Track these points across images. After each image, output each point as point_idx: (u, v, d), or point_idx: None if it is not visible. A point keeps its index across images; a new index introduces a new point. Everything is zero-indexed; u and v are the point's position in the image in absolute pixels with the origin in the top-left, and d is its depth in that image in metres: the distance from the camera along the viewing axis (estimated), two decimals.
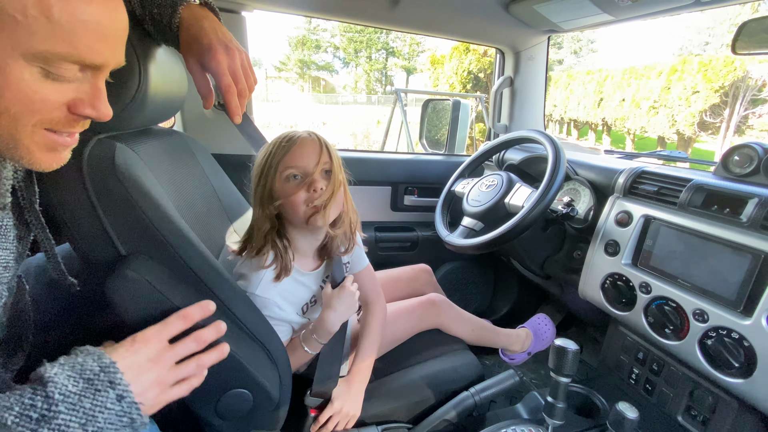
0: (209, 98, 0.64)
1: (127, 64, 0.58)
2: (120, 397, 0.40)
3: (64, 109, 0.40)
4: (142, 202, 0.57)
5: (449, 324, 1.09)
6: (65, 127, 0.41)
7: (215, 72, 0.60)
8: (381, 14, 1.33)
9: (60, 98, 0.39)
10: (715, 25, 20.45)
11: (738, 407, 0.77)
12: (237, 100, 0.62)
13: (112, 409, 0.39)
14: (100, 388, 0.39)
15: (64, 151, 0.44)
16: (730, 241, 0.75)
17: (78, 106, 0.40)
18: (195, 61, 0.61)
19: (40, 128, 0.39)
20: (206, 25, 0.61)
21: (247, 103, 0.67)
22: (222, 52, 0.59)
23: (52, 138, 0.41)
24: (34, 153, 0.40)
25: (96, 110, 0.42)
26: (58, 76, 0.38)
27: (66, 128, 0.41)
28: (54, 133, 0.41)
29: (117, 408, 0.40)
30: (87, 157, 0.56)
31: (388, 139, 3.93)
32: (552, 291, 1.37)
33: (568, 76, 15.97)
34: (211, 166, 0.97)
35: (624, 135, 13.28)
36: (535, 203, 0.93)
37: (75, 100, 0.40)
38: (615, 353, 1.04)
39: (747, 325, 0.70)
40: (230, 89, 0.60)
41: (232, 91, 0.61)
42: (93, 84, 0.41)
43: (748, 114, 11.05)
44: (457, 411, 0.87)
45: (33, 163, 0.41)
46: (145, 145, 0.70)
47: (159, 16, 0.61)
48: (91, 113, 0.41)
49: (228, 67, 0.60)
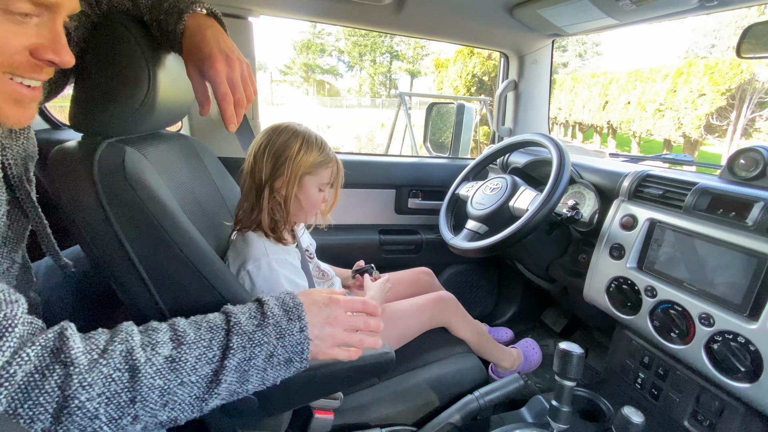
0: (206, 105, 0.64)
1: (137, 70, 0.59)
2: (301, 330, 0.51)
3: (26, 54, 0.42)
4: (150, 205, 0.58)
5: (457, 323, 1.10)
6: (29, 72, 0.43)
7: (213, 80, 0.60)
8: (385, 19, 1.34)
9: (22, 41, 0.41)
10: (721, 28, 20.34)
11: (744, 412, 0.77)
12: (233, 109, 0.61)
13: (295, 336, 0.50)
14: (292, 317, 0.51)
15: (31, 107, 0.46)
16: (735, 245, 0.75)
17: (40, 51, 0.42)
18: (194, 68, 0.62)
19: (5, 76, 0.41)
20: (209, 34, 0.61)
21: (250, 108, 0.67)
22: (221, 62, 0.59)
23: (17, 89, 0.43)
24: (1, 107, 0.43)
25: (58, 55, 0.43)
26: (16, 14, 0.39)
27: (29, 74, 0.43)
28: (19, 83, 0.43)
29: (297, 336, 0.50)
30: (97, 160, 0.57)
31: (393, 142, 3.94)
32: (556, 294, 1.37)
33: (572, 79, 15.92)
34: (218, 169, 0.98)
35: (629, 138, 13.20)
36: (540, 206, 0.93)
37: (37, 45, 0.42)
38: (620, 357, 1.04)
39: (753, 330, 0.70)
40: (226, 98, 0.60)
41: (228, 100, 0.60)
42: (52, 28, 0.43)
43: (755, 117, 10.94)
44: (461, 414, 0.87)
45: (1, 117, 0.43)
46: (154, 149, 0.71)
47: (165, 23, 0.62)
48: (54, 58, 0.43)
49: (227, 77, 0.60)
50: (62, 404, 0.38)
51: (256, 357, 0.48)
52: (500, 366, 1.22)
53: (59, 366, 0.39)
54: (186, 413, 0.45)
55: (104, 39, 0.60)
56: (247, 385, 0.48)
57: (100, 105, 0.59)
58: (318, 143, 0.85)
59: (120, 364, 0.41)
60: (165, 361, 0.44)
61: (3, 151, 0.53)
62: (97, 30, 0.60)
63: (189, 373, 0.44)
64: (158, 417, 0.43)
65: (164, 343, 0.45)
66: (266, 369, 0.49)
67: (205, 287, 0.60)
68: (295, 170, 0.82)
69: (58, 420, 0.38)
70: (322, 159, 0.85)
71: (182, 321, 0.49)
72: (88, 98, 0.60)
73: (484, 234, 1.10)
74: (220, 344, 0.47)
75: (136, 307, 0.60)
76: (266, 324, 0.50)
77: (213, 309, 0.59)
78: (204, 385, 0.45)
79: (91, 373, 0.40)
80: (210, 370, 0.46)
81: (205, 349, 0.46)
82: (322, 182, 0.87)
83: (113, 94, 0.59)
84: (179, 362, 0.44)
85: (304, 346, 0.51)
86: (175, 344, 0.45)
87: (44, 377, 0.38)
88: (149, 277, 0.58)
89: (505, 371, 1.22)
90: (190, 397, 0.45)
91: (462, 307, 1.14)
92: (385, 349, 0.72)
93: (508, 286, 1.72)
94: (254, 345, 0.48)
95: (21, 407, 0.37)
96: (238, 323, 0.49)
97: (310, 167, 0.84)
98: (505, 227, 0.97)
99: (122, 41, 0.60)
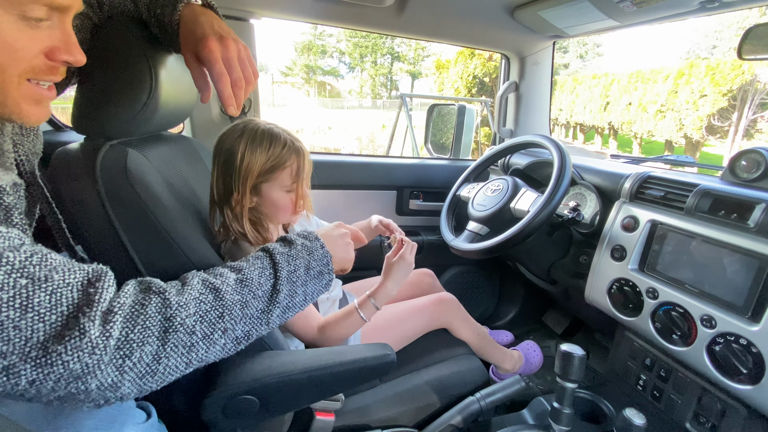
0: (205, 92, 0.62)
1: (139, 72, 0.60)
2: (322, 246, 0.61)
3: (43, 57, 0.44)
4: (152, 206, 0.58)
5: (458, 325, 1.10)
6: (47, 75, 0.45)
7: (207, 60, 0.58)
8: (386, 21, 1.34)
9: (38, 45, 0.43)
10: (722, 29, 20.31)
11: (746, 414, 0.77)
12: (230, 89, 0.59)
13: (319, 251, 0.61)
14: (311, 239, 0.62)
15: (47, 105, 0.48)
16: (737, 247, 0.75)
17: (55, 53, 0.44)
18: (191, 54, 0.60)
19: (24, 79, 0.43)
20: (202, 19, 0.61)
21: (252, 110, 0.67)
22: (215, 41, 0.58)
23: (36, 90, 0.45)
24: (22, 106, 0.44)
25: (72, 55, 0.45)
26: (32, 20, 0.41)
27: (47, 76, 0.45)
28: (37, 84, 0.45)
29: (321, 252, 0.61)
30: (100, 162, 0.57)
31: (394, 143, 3.95)
32: (558, 296, 1.37)
33: (573, 80, 15.91)
34: None
35: (631, 139, 13.19)
36: (541, 208, 0.93)
37: (51, 47, 0.44)
38: (622, 359, 1.03)
39: (755, 332, 0.69)
40: (222, 78, 0.58)
41: (225, 81, 0.58)
42: (63, 29, 0.45)
43: (756, 118, 10.93)
44: (462, 416, 0.87)
45: (22, 116, 0.45)
46: (156, 151, 0.71)
47: (162, 16, 0.62)
48: (68, 58, 0.45)
49: (222, 56, 0.58)
50: (165, 325, 0.45)
51: (298, 269, 0.57)
52: (501, 368, 1.22)
53: (154, 296, 0.46)
54: (256, 327, 0.53)
55: (106, 41, 0.60)
56: (295, 299, 0.57)
57: (102, 107, 0.60)
58: (267, 142, 0.74)
59: (202, 288, 0.49)
60: (236, 282, 0.52)
61: (15, 147, 0.54)
62: (100, 32, 0.61)
63: (257, 287, 0.53)
64: (237, 331, 0.51)
65: (227, 273, 0.53)
66: (306, 282, 0.58)
67: None
68: (243, 182, 0.73)
69: (164, 339, 0.44)
70: (274, 162, 0.74)
71: (228, 264, 0.56)
72: (91, 100, 0.60)
73: (485, 235, 1.10)
74: (269, 264, 0.56)
75: None
76: (295, 246, 0.60)
77: None
78: (267, 298, 0.54)
79: (183, 296, 0.47)
80: (270, 285, 0.54)
81: (262, 270, 0.55)
82: (283, 185, 0.77)
83: (116, 96, 0.59)
84: (247, 280, 0.53)
85: (329, 258, 0.61)
86: (236, 271, 0.54)
87: (144, 306, 0.44)
88: None
89: (506, 373, 1.22)
90: (258, 312, 0.53)
91: (463, 309, 1.13)
92: (386, 350, 0.72)
93: (510, 288, 1.72)
94: (293, 259, 0.57)
95: (132, 332, 0.42)
96: (275, 248, 0.58)
97: (260, 176, 0.74)
98: (507, 229, 0.97)
99: (124, 43, 0.60)
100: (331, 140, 16.73)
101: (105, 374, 0.40)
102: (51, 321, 0.38)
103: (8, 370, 0.36)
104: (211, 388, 0.60)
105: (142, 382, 0.43)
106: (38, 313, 0.37)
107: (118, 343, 0.41)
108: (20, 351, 0.36)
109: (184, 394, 0.67)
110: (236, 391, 0.61)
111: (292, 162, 0.76)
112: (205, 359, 0.49)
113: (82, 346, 0.38)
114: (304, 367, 0.65)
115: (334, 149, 13.82)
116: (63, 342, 0.38)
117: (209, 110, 1.30)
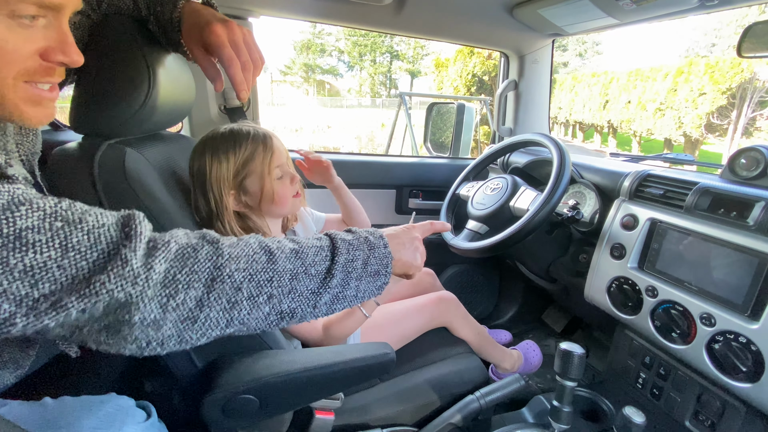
0: (218, 80, 0.62)
1: (137, 70, 0.59)
2: (385, 246, 0.58)
3: (37, 59, 0.42)
4: (150, 205, 0.58)
5: (458, 323, 1.10)
6: (43, 76, 0.43)
7: (215, 46, 0.58)
8: (385, 19, 1.34)
9: (31, 46, 0.41)
10: (721, 27, 20.31)
11: (746, 412, 0.77)
12: (241, 74, 0.59)
13: (381, 250, 0.57)
14: (376, 236, 0.58)
15: (50, 106, 0.46)
16: (736, 245, 0.75)
17: (50, 53, 0.42)
18: (197, 46, 0.60)
19: (20, 81, 0.42)
20: (203, 11, 0.61)
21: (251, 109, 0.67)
22: (220, 26, 0.58)
23: (35, 92, 0.43)
24: (21, 108, 0.43)
25: (68, 56, 0.44)
26: (23, 19, 0.39)
27: (44, 78, 0.44)
28: (35, 86, 0.43)
29: (383, 251, 0.57)
30: (97, 161, 0.57)
31: (393, 142, 3.94)
32: (557, 294, 1.37)
33: (573, 78, 15.92)
34: None
35: (630, 137, 13.20)
36: (540, 206, 0.93)
37: (46, 48, 0.42)
38: (621, 357, 1.04)
39: (754, 330, 0.69)
40: (233, 62, 0.58)
41: (236, 65, 0.59)
42: (58, 28, 0.43)
43: (755, 116, 10.93)
44: (462, 415, 0.87)
45: (23, 118, 0.44)
46: (154, 150, 0.71)
47: (161, 14, 0.62)
48: (64, 59, 0.43)
49: (228, 39, 0.58)
50: (213, 273, 0.44)
51: (356, 260, 0.54)
52: (500, 367, 1.22)
53: (208, 244, 0.45)
54: (303, 306, 0.50)
55: (104, 40, 0.60)
56: (346, 290, 0.53)
57: (100, 106, 0.59)
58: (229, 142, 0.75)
59: (257, 247, 0.48)
60: (291, 252, 0.50)
61: (17, 147, 0.53)
62: (97, 31, 0.60)
63: (311, 264, 0.50)
64: (283, 304, 0.48)
65: (285, 242, 0.51)
66: (362, 277, 0.55)
67: None
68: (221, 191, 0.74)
69: (209, 287, 0.43)
70: (245, 157, 0.75)
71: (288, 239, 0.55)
72: (89, 99, 0.60)
73: (484, 234, 1.10)
74: (329, 247, 0.54)
75: None
76: (358, 237, 0.57)
77: None
78: (320, 279, 0.51)
79: (237, 249, 0.46)
80: (324, 267, 0.52)
81: (319, 249, 0.53)
82: (264, 173, 0.77)
83: (114, 95, 0.59)
84: (302, 254, 0.50)
85: (389, 260, 0.58)
86: (295, 243, 0.52)
87: (196, 251, 0.44)
88: None
89: (505, 372, 1.22)
90: (308, 290, 0.50)
91: (463, 307, 1.14)
92: (386, 349, 0.72)
93: (509, 286, 1.72)
94: (353, 249, 0.54)
95: (179, 273, 0.42)
96: (337, 235, 0.56)
97: (237, 176, 0.75)
98: (506, 227, 0.97)
99: (122, 42, 0.60)
100: (331, 139, 16.72)
101: (149, 309, 0.40)
102: (93, 258, 0.38)
103: (56, 305, 0.36)
104: (210, 388, 0.60)
105: (183, 326, 0.43)
106: (79, 251, 0.38)
107: (165, 280, 0.41)
108: (68, 288, 0.37)
109: (184, 394, 0.67)
110: (236, 390, 0.61)
111: (261, 148, 0.77)
112: (247, 323, 0.47)
113: (124, 274, 0.38)
114: (303, 366, 0.65)
115: (333, 148, 13.80)
116: (106, 272, 0.38)
117: (208, 109, 1.30)
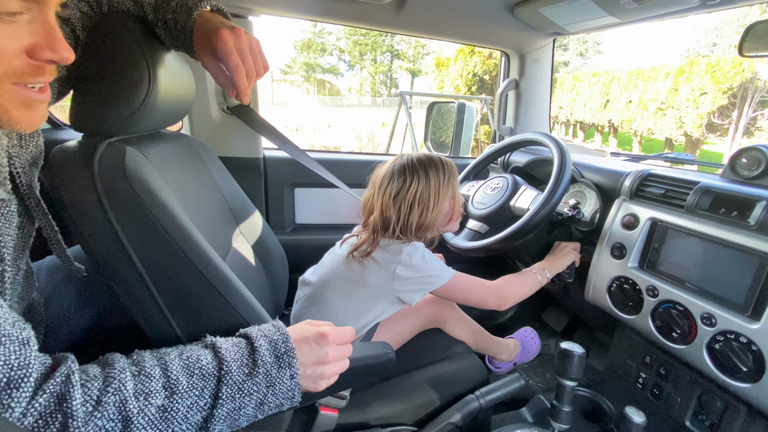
0: (230, 88, 0.63)
1: (137, 69, 0.59)
2: (292, 377, 0.50)
3: (25, 57, 0.39)
4: (150, 204, 0.58)
5: (453, 324, 1.09)
6: (32, 76, 0.41)
7: (222, 52, 0.59)
8: (386, 18, 1.33)
9: (16, 44, 0.38)
10: (722, 26, 20.28)
11: (747, 412, 0.77)
12: (245, 81, 0.61)
13: (285, 384, 0.50)
14: (283, 365, 0.50)
15: (41, 108, 0.44)
16: (737, 245, 0.75)
17: (37, 51, 0.40)
18: (208, 54, 0.61)
19: (8, 83, 0.39)
20: (213, 19, 0.62)
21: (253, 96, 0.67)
22: (228, 32, 0.59)
23: (24, 93, 0.41)
24: (11, 111, 0.41)
25: (56, 52, 0.41)
26: (5, 15, 0.37)
27: (34, 78, 0.41)
28: (24, 87, 0.41)
29: (288, 384, 0.50)
30: (97, 160, 0.57)
31: (393, 141, 3.94)
32: (557, 294, 1.37)
33: (574, 77, 15.90)
34: (218, 168, 0.98)
35: (631, 137, 13.18)
36: (541, 206, 0.93)
37: (32, 45, 0.39)
38: (622, 357, 1.03)
39: (755, 330, 0.69)
40: (238, 69, 0.60)
41: (241, 72, 0.60)
42: (44, 23, 0.40)
43: (756, 115, 10.92)
44: (462, 414, 0.87)
45: (12, 122, 0.41)
46: (154, 149, 0.71)
47: (174, 22, 0.62)
48: (53, 56, 0.41)
49: (235, 46, 0.60)
50: None
51: (246, 406, 0.48)
52: (497, 359, 1.21)
53: (61, 415, 0.40)
54: None
55: (104, 39, 0.60)
56: (238, 425, 0.50)
57: (100, 105, 0.59)
58: (440, 159, 0.92)
59: (114, 415, 0.42)
60: (157, 411, 0.44)
61: (11, 160, 0.51)
62: (97, 30, 0.60)
63: (180, 422, 0.45)
64: None
65: (157, 392, 0.45)
66: (256, 414, 0.50)
67: (205, 287, 0.60)
68: (445, 195, 0.90)
69: None
70: (453, 172, 0.92)
71: (175, 363, 0.48)
72: (89, 98, 0.60)
73: (485, 233, 1.10)
74: (211, 393, 0.47)
75: (137, 306, 0.60)
76: (257, 373, 0.49)
77: (213, 308, 0.58)
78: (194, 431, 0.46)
79: (87, 426, 0.40)
80: (200, 418, 0.46)
81: (197, 398, 0.46)
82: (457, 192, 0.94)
83: (113, 93, 0.59)
84: (171, 412, 0.45)
85: (295, 392, 0.51)
86: (168, 393, 0.45)
87: (47, 424, 0.39)
88: (150, 277, 0.58)
89: (502, 362, 1.22)
90: None
91: (459, 309, 1.13)
92: (386, 349, 0.72)
93: None
94: (244, 395, 0.48)
95: None
96: (229, 372, 0.48)
97: (454, 187, 0.91)
98: (506, 227, 0.97)
99: (122, 41, 0.60)
100: (331, 138, 16.72)
101: None
102: None
103: None
104: None
105: None
106: None
107: None
108: None
109: None
110: None
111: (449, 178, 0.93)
112: None
113: None
114: None
115: (333, 147, 13.80)
116: None
117: (208, 108, 1.29)
